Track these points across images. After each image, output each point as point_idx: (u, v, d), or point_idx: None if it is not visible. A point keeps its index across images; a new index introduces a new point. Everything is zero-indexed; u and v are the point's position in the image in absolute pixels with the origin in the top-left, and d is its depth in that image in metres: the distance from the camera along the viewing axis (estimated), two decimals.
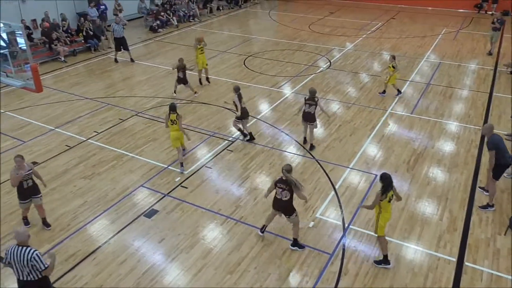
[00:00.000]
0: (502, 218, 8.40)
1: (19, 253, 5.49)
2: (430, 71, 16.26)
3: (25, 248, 5.52)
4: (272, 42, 20.14)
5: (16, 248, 5.53)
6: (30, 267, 5.53)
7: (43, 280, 5.74)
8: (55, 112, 13.01)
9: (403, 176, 9.76)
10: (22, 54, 8.53)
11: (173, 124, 9.70)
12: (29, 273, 5.60)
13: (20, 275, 5.64)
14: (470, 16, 24.74)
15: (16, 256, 5.51)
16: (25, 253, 5.47)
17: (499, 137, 8.50)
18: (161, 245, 7.79)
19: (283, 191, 7.28)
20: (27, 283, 5.66)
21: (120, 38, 17.06)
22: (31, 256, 5.48)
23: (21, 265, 5.53)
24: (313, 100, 10.30)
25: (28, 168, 7.72)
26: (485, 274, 7.17)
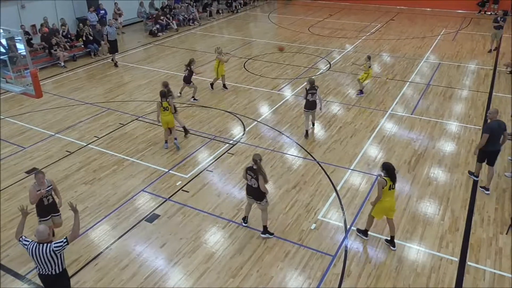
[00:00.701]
0: (504, 217, 8.38)
1: (40, 250, 5.70)
2: (430, 71, 16.27)
3: (44, 245, 5.73)
4: (272, 44, 20.17)
5: (37, 246, 5.73)
6: (52, 260, 5.76)
7: (63, 273, 6.00)
8: (55, 117, 13.02)
9: (404, 177, 9.75)
10: (21, 60, 8.52)
11: (165, 110, 10.45)
12: (49, 267, 5.81)
13: (41, 269, 5.87)
14: (469, 16, 24.78)
15: (36, 253, 5.72)
16: (45, 250, 5.70)
17: (498, 124, 8.83)
18: (163, 250, 7.78)
19: (252, 179, 7.62)
20: (47, 277, 5.89)
21: (113, 40, 17.37)
22: (50, 250, 5.70)
23: (43, 260, 5.75)
24: (314, 89, 11.03)
25: (48, 184, 7.41)
26: (488, 273, 7.15)
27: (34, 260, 5.80)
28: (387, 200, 7.29)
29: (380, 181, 7.20)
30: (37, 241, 5.76)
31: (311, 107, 11.22)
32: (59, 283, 6.02)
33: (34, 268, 7.34)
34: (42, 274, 5.90)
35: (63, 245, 5.76)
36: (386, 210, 7.43)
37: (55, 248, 5.71)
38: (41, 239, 5.75)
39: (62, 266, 5.92)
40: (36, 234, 5.77)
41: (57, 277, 5.91)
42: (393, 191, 7.31)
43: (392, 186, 7.21)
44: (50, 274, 5.86)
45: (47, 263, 5.76)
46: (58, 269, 5.87)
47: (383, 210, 7.44)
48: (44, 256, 5.70)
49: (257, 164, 7.52)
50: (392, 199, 7.40)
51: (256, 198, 7.80)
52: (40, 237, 5.74)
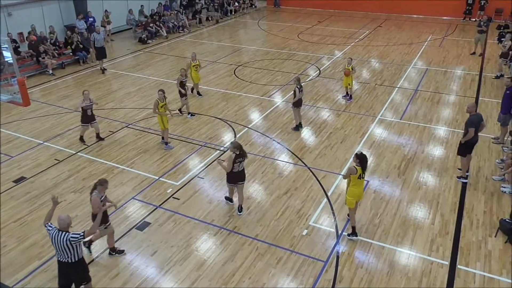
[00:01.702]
0: (492, 220, 8.48)
1: (58, 237, 6.02)
2: (417, 77, 16.48)
3: (64, 233, 6.03)
4: (261, 51, 20.27)
5: (57, 232, 6.05)
6: (68, 249, 6.05)
7: (78, 263, 6.26)
8: (43, 125, 12.88)
9: (394, 181, 9.83)
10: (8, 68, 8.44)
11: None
12: (66, 255, 6.11)
13: (59, 256, 6.20)
14: (454, 23, 25.20)
15: (56, 239, 6.05)
16: (63, 238, 6.00)
17: (478, 117, 9.40)
18: (154, 258, 7.71)
19: (241, 163, 8.33)
20: (63, 264, 6.22)
21: (100, 47, 17.49)
22: (67, 239, 5.99)
23: (60, 247, 6.06)
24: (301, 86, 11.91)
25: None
26: (478, 276, 7.22)
27: (54, 246, 6.13)
28: (356, 187, 7.78)
29: (350, 168, 7.71)
30: (58, 228, 6.07)
31: (302, 103, 12.22)
32: (74, 272, 6.33)
33: (21, 280, 7.24)
34: (60, 261, 6.25)
35: (79, 237, 6.04)
36: (356, 197, 7.87)
37: (71, 238, 6.00)
38: (61, 227, 6.06)
39: (78, 256, 6.21)
40: (58, 221, 6.08)
41: (72, 266, 6.22)
42: (362, 180, 7.82)
43: (362, 175, 7.70)
44: (67, 262, 6.18)
45: (64, 250, 6.08)
46: (74, 258, 6.17)
47: (354, 197, 7.85)
48: (62, 244, 6.02)
49: (242, 149, 8.27)
50: (361, 188, 7.90)
51: (243, 179, 8.61)
52: (61, 225, 6.06)
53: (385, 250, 7.81)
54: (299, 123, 12.28)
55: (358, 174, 7.64)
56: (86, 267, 6.56)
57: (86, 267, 6.58)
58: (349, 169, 7.74)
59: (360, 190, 7.89)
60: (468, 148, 9.62)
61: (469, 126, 9.33)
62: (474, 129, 9.32)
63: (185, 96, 12.87)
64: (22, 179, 10.13)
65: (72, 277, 6.37)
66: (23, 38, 18.29)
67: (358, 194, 7.88)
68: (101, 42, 17.50)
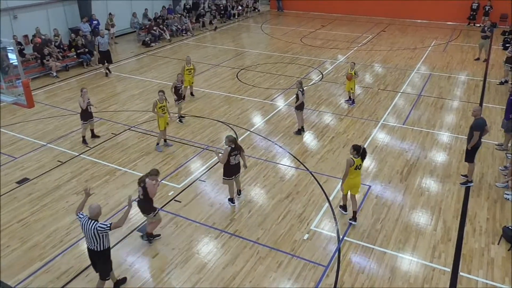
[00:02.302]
0: (495, 228, 8.43)
1: (88, 225, 6.35)
2: (421, 82, 16.46)
3: (92, 221, 6.35)
4: (264, 55, 20.30)
5: (87, 220, 6.39)
6: (95, 238, 6.37)
7: (103, 253, 6.58)
8: (47, 127, 12.94)
9: (396, 187, 9.80)
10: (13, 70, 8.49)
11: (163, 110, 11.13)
12: (93, 243, 6.44)
13: (88, 243, 6.55)
14: (458, 28, 25.18)
15: (85, 227, 6.39)
16: (92, 226, 6.32)
17: (483, 121, 9.40)
18: (155, 260, 7.71)
19: (236, 156, 8.62)
20: (91, 251, 6.58)
21: (105, 51, 17.43)
22: (94, 228, 6.31)
23: (88, 235, 6.40)
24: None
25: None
26: (480, 283, 7.17)
27: (83, 233, 6.48)
28: (352, 177, 8.20)
29: (348, 160, 8.08)
30: (88, 216, 6.39)
31: (304, 106, 12.31)
32: (100, 261, 6.64)
33: (23, 280, 7.25)
34: (88, 248, 6.60)
35: (105, 228, 6.32)
36: (351, 186, 8.32)
37: (98, 227, 6.30)
38: (91, 216, 6.38)
39: (104, 246, 6.51)
40: (88, 209, 6.40)
41: (98, 254, 6.55)
42: (359, 171, 8.23)
43: (358, 166, 8.14)
44: (94, 249, 6.51)
45: (91, 238, 6.40)
46: (100, 247, 6.49)
47: (348, 186, 8.31)
48: (90, 231, 6.34)
49: (236, 143, 8.59)
50: (358, 178, 8.32)
51: (239, 171, 8.92)
52: (90, 214, 6.38)
53: (387, 255, 7.78)
54: (301, 127, 12.28)
55: (355, 165, 8.07)
56: (109, 260, 6.79)
57: (110, 260, 6.80)
58: (347, 161, 8.11)
59: (356, 181, 8.31)
60: (474, 153, 9.57)
61: (475, 129, 9.29)
62: (480, 132, 9.29)
63: (178, 100, 12.80)
64: (25, 180, 10.17)
65: (97, 266, 6.73)
66: (28, 41, 18.41)
67: (352, 184, 8.31)
68: (106, 46, 17.51)
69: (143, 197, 7.65)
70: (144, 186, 7.57)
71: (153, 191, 7.61)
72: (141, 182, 7.61)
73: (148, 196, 7.61)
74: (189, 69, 14.15)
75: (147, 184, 7.55)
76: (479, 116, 9.44)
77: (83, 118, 11.57)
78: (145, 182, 7.56)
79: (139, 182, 7.65)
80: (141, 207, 7.86)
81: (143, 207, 7.83)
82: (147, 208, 7.83)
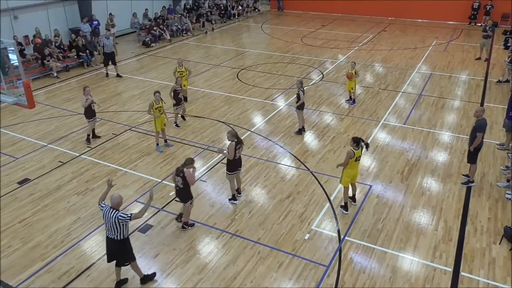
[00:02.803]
0: (497, 227, 8.42)
1: (109, 214, 6.56)
2: (421, 82, 16.45)
3: (114, 211, 6.57)
4: (265, 55, 20.30)
5: (109, 209, 6.60)
6: (116, 226, 6.57)
7: (123, 242, 6.78)
8: (48, 128, 12.94)
9: (397, 187, 9.79)
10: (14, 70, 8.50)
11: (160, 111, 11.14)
12: (113, 231, 6.64)
13: (108, 232, 6.74)
14: (459, 28, 25.16)
15: (107, 216, 6.60)
16: (113, 215, 6.53)
17: (486, 122, 9.37)
18: (156, 260, 7.71)
19: (240, 149, 8.81)
20: (110, 240, 6.77)
21: (109, 53, 17.21)
22: (115, 217, 6.52)
23: (109, 224, 6.60)
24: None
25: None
26: (481, 283, 7.16)
27: (105, 222, 6.67)
28: (352, 169, 8.53)
29: (349, 152, 8.33)
30: (110, 206, 6.62)
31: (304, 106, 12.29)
32: (120, 251, 6.84)
33: (25, 280, 7.25)
34: (108, 237, 6.78)
35: (126, 218, 6.53)
36: (351, 177, 8.66)
37: (119, 217, 6.51)
38: (112, 205, 6.61)
39: (124, 235, 6.71)
40: (110, 199, 6.63)
41: (118, 243, 6.74)
42: (357, 163, 8.59)
43: (358, 158, 8.43)
44: (114, 238, 6.69)
45: (112, 227, 6.59)
46: (120, 236, 6.68)
47: (349, 177, 8.63)
48: (111, 220, 6.54)
49: (238, 136, 8.86)
50: (357, 169, 8.75)
51: (241, 165, 9.16)
52: (112, 203, 6.62)
53: (388, 255, 7.78)
54: (302, 127, 12.28)
55: (355, 157, 8.34)
56: (130, 248, 6.98)
57: (130, 248, 6.99)
58: (348, 153, 8.35)
59: (356, 171, 8.73)
60: (477, 154, 9.52)
61: (478, 130, 9.24)
62: (482, 134, 9.24)
63: (177, 105, 12.55)
64: (26, 181, 10.18)
65: (117, 256, 6.89)
66: (28, 41, 18.42)
67: (353, 175, 8.67)
68: (111, 47, 17.19)
69: (182, 186, 8.01)
70: (183, 175, 7.91)
71: (192, 179, 8.00)
72: (180, 172, 7.94)
73: (187, 185, 7.99)
74: (180, 71, 13.79)
75: (186, 174, 7.90)
76: (482, 117, 9.37)
77: (87, 116, 11.62)
78: (183, 172, 7.91)
79: (178, 173, 7.97)
80: (179, 196, 8.27)
81: (181, 196, 8.21)
82: (186, 196, 8.19)
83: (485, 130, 9.35)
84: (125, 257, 6.95)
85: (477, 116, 9.43)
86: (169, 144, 11.68)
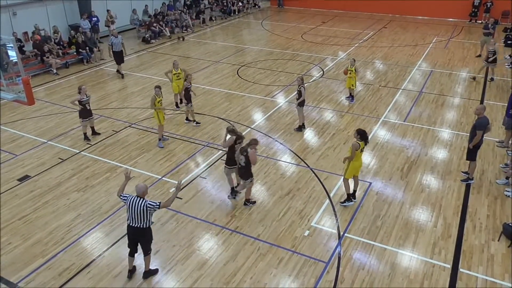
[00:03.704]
0: (496, 224, 8.45)
1: (137, 203, 6.64)
2: (422, 79, 16.44)
3: (142, 199, 6.67)
4: (265, 51, 20.27)
5: (135, 198, 6.68)
6: (143, 215, 6.66)
7: (147, 230, 6.89)
8: (47, 124, 12.95)
9: (397, 184, 9.81)
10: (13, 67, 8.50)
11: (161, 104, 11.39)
12: (139, 220, 6.71)
13: (132, 221, 6.77)
14: (460, 25, 25.12)
15: (133, 205, 6.65)
16: (141, 203, 6.63)
17: (486, 120, 9.34)
18: (156, 257, 7.73)
19: (240, 144, 8.90)
20: (134, 229, 6.82)
21: (118, 51, 16.72)
22: (144, 205, 6.62)
23: (136, 213, 6.66)
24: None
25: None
26: (480, 280, 7.19)
27: (129, 211, 6.71)
28: (357, 161, 8.61)
29: (354, 144, 8.40)
30: (136, 194, 6.69)
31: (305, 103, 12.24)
32: (144, 238, 6.94)
33: (25, 277, 7.28)
34: (132, 226, 6.81)
35: (155, 206, 6.65)
36: (356, 169, 8.75)
37: (148, 204, 6.62)
38: (138, 194, 6.69)
39: (149, 223, 6.83)
40: (136, 189, 6.75)
41: (144, 231, 6.83)
42: (361, 154, 8.65)
43: (362, 149, 8.51)
44: (139, 227, 6.76)
45: (139, 215, 6.66)
46: (146, 224, 6.78)
47: (354, 170, 8.70)
48: (138, 209, 6.61)
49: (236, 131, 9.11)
50: (360, 160, 8.76)
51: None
52: (138, 192, 6.70)
53: (387, 252, 7.80)
54: (302, 124, 12.29)
55: (360, 148, 8.45)
56: (152, 237, 7.11)
57: (152, 237, 7.11)
58: (353, 146, 8.43)
59: (360, 163, 8.82)
60: (476, 152, 9.53)
61: (478, 128, 9.23)
62: (482, 132, 9.24)
63: (190, 103, 12.45)
64: (26, 178, 10.19)
65: (141, 243, 6.98)
66: (27, 38, 18.39)
67: (358, 167, 8.77)
68: (119, 46, 16.63)
69: (245, 164, 8.55)
70: (246, 155, 8.44)
71: (254, 159, 8.53)
72: (244, 151, 8.48)
73: (249, 164, 8.55)
74: (177, 73, 13.19)
75: (250, 153, 8.43)
76: (482, 115, 9.36)
77: (82, 116, 11.57)
78: (247, 151, 8.43)
79: (242, 152, 8.51)
80: (241, 174, 8.76)
81: (243, 173, 8.70)
82: (247, 174, 8.68)
83: (486, 128, 9.33)
84: (148, 245, 7.04)
85: (478, 114, 9.44)
86: (164, 138, 11.80)
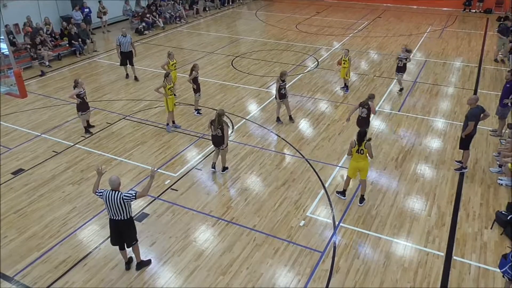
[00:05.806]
0: (489, 212, 8.55)
1: (113, 196, 6.60)
2: (416, 69, 16.45)
3: (117, 192, 6.63)
4: (259, 42, 20.18)
5: (111, 192, 6.63)
6: (121, 207, 6.63)
7: (130, 221, 6.90)
8: (41, 117, 12.86)
9: (391, 174, 9.87)
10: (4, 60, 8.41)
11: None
12: (118, 213, 6.69)
13: (112, 215, 6.77)
14: (454, 14, 25.09)
15: (110, 198, 6.62)
16: (117, 196, 6.59)
17: (479, 110, 9.39)
18: (153, 249, 7.76)
19: (213, 126, 9.45)
20: (116, 222, 6.82)
21: (127, 52, 15.21)
22: (120, 197, 6.58)
23: (114, 206, 6.64)
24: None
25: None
26: (473, 267, 7.29)
27: (107, 206, 6.69)
28: (354, 160, 8.55)
29: (351, 142, 8.47)
30: (110, 188, 6.66)
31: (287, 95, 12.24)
32: (127, 230, 6.93)
33: (21, 270, 7.29)
34: (112, 220, 6.82)
35: (131, 197, 6.61)
36: (356, 169, 8.59)
37: (124, 197, 6.58)
38: (113, 187, 6.65)
39: (130, 214, 6.82)
40: (109, 183, 6.67)
41: (125, 223, 6.82)
42: (361, 155, 8.40)
43: (360, 151, 8.34)
44: (120, 219, 6.75)
45: (118, 208, 6.64)
46: (126, 216, 6.77)
47: (353, 168, 8.60)
48: (116, 202, 6.58)
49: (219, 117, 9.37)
50: (362, 162, 8.48)
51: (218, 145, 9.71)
52: (112, 185, 6.66)
53: (382, 241, 7.88)
54: (289, 115, 12.30)
55: (356, 148, 8.34)
56: (135, 227, 7.11)
57: (135, 228, 7.12)
58: (350, 143, 8.51)
59: (360, 165, 8.49)
60: (469, 141, 9.60)
61: (469, 119, 9.30)
62: (474, 122, 9.29)
63: (197, 92, 12.45)
64: (20, 171, 10.15)
65: (124, 236, 6.97)
66: (19, 30, 18.15)
67: (356, 168, 8.56)
68: (128, 46, 15.09)
69: (366, 116, 10.18)
70: (368, 107, 10.08)
71: (374, 110, 10.22)
72: (365, 104, 10.12)
73: (369, 114, 10.22)
74: (174, 63, 13.33)
75: (371, 105, 10.12)
76: (475, 105, 9.40)
77: (80, 109, 11.47)
78: (368, 104, 10.10)
79: (363, 105, 10.13)
80: (361, 125, 10.09)
81: (365, 124, 10.12)
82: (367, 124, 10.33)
83: (478, 118, 9.37)
84: (132, 237, 7.06)
85: (470, 104, 9.49)
86: (177, 125, 11.88)
